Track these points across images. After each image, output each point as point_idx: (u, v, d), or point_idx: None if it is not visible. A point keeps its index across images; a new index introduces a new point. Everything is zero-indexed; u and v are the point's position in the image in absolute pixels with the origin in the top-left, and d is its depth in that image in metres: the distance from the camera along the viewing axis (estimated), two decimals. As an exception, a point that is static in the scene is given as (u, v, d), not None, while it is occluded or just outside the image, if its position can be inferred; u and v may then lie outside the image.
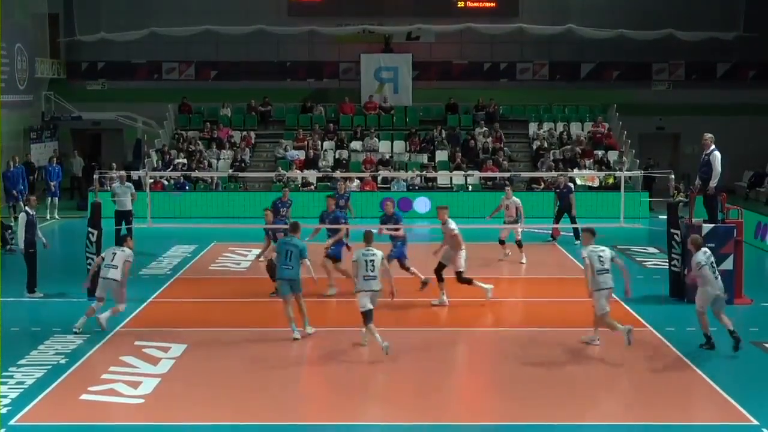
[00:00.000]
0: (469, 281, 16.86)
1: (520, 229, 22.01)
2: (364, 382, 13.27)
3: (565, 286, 19.54)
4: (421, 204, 29.90)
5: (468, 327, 16.04)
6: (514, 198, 22.34)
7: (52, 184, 29.07)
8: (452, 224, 16.75)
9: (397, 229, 17.80)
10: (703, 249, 14.58)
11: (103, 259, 15.69)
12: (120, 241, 16.08)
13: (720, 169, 17.25)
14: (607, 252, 14.25)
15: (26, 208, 18.67)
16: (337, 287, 17.76)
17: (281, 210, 20.73)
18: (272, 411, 12.04)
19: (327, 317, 16.64)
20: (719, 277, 14.50)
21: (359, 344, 14.47)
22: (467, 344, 15.14)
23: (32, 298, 17.74)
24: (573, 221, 24.37)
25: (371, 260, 13.91)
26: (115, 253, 15.51)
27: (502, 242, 22.04)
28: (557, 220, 24.55)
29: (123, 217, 22.80)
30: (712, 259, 14.55)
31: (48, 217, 28.40)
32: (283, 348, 14.57)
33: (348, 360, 14.26)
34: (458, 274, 16.73)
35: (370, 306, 13.90)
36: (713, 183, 17.26)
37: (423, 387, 12.91)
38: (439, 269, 16.99)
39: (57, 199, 29.07)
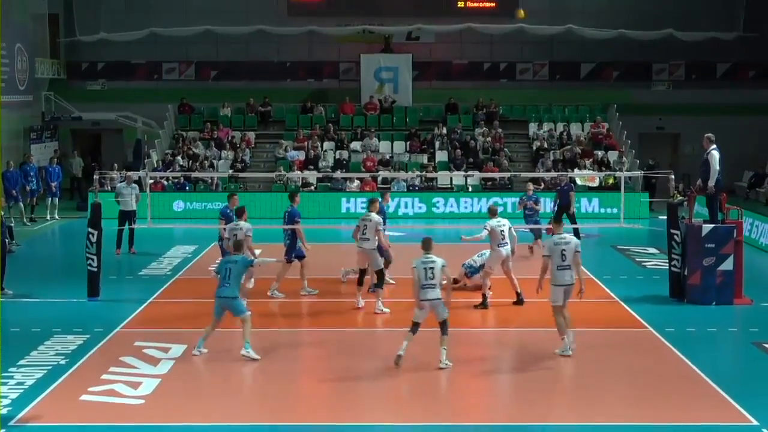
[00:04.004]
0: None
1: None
2: (364, 382, 13.25)
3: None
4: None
5: (467, 327, 16.02)
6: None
7: (52, 184, 29.04)
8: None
9: None
10: (497, 218, 17.00)
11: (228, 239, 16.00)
12: (239, 214, 16.67)
13: (718, 168, 17.28)
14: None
15: None
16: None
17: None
18: (272, 411, 12.04)
19: (326, 318, 16.67)
20: (508, 243, 16.87)
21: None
22: (466, 344, 15.09)
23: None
24: (573, 221, 24.34)
25: (430, 268, 13.40)
26: (236, 234, 15.90)
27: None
28: (557, 220, 24.45)
29: (126, 217, 22.80)
30: (509, 225, 17.01)
31: (48, 218, 28.40)
32: (283, 348, 14.56)
33: (347, 360, 14.26)
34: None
35: (419, 318, 13.52)
36: (711, 182, 17.30)
37: (423, 387, 12.91)
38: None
39: (57, 199, 29.06)
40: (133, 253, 22.68)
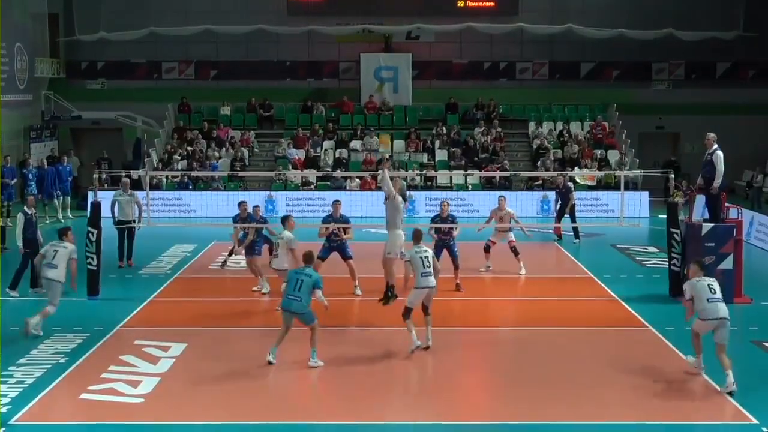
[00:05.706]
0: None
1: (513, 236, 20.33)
2: (365, 381, 13.23)
3: (565, 285, 19.55)
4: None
5: (467, 327, 16.04)
6: (508, 210, 20.30)
7: (63, 184, 28.74)
8: None
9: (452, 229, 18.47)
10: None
11: (43, 256, 15.36)
12: (60, 234, 15.59)
13: (723, 168, 17.29)
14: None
15: (24, 207, 18.42)
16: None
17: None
18: (272, 410, 12.03)
19: (325, 317, 16.64)
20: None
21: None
22: (466, 344, 15.11)
23: (10, 297, 17.41)
24: (572, 220, 24.38)
25: (425, 257, 14.14)
26: (56, 251, 15.24)
27: (487, 249, 20.25)
28: (558, 219, 24.55)
29: (125, 227, 20.68)
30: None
31: (60, 217, 27.79)
32: (283, 347, 14.53)
33: (348, 359, 14.25)
34: None
35: (415, 304, 14.16)
36: (717, 182, 17.30)
37: (423, 387, 12.92)
38: None
39: (69, 198, 28.52)
40: (131, 265, 20.81)
